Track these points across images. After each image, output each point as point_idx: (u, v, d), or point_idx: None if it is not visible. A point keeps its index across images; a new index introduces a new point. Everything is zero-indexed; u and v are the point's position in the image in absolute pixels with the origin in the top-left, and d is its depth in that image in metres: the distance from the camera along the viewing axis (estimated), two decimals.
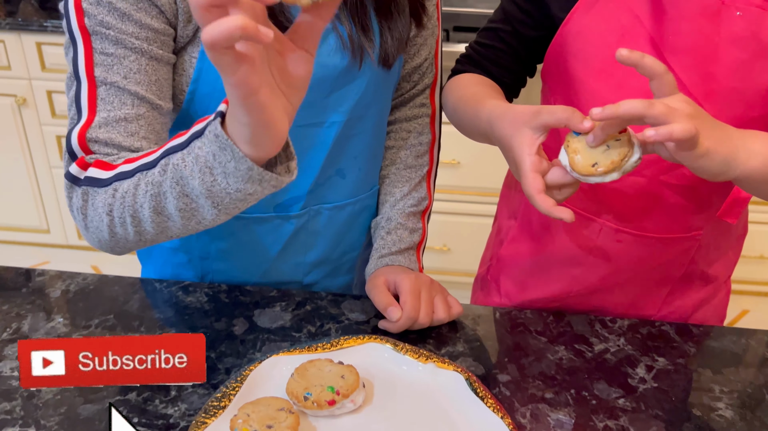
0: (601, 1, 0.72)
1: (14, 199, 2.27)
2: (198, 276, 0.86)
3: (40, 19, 1.98)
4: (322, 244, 0.85)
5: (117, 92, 0.65)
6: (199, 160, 0.55)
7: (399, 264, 0.81)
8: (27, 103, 2.09)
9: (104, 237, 0.65)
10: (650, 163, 0.72)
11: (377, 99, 0.79)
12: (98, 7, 0.63)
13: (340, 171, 0.81)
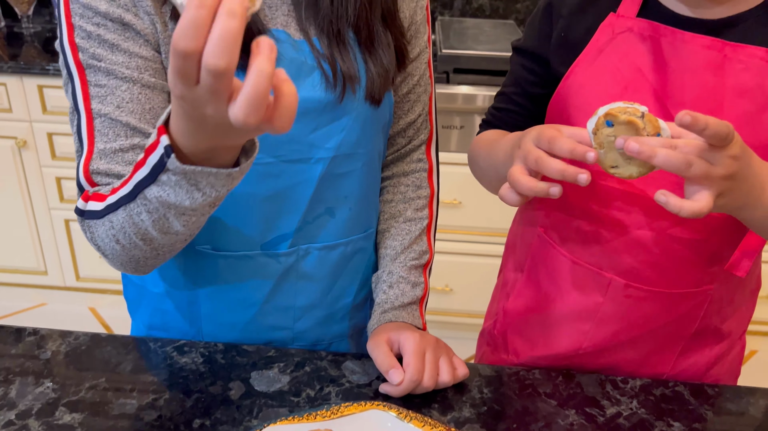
0: (603, 55, 0.72)
1: (12, 240, 2.25)
2: (187, 321, 0.84)
3: (43, 62, 1.99)
4: (312, 288, 0.82)
5: (111, 124, 0.67)
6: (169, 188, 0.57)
7: (402, 320, 0.78)
8: (27, 145, 2.09)
9: (124, 260, 0.67)
10: (658, 216, 0.71)
11: (366, 138, 0.79)
12: (89, 41, 0.66)
13: (330, 210, 0.80)
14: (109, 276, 2.30)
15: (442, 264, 2.11)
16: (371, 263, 0.88)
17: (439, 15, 2.43)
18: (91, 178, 0.67)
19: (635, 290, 0.74)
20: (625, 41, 0.71)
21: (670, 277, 0.73)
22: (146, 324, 0.88)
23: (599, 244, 0.74)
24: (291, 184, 0.75)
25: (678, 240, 0.71)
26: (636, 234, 0.72)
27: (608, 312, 0.76)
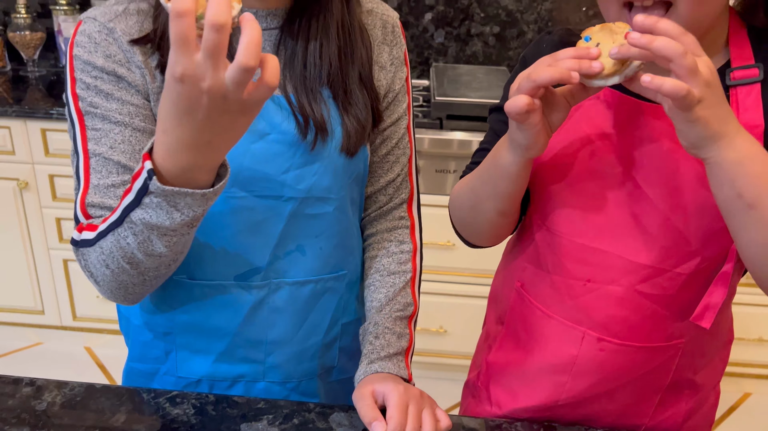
0: (572, 120, 0.76)
1: (10, 280, 2.28)
2: (163, 352, 0.88)
3: (46, 106, 2.05)
4: (283, 322, 0.86)
5: (105, 162, 0.74)
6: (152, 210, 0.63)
7: (388, 371, 0.81)
8: (29, 187, 2.13)
9: (113, 286, 0.73)
10: (628, 273, 0.74)
11: (338, 185, 0.84)
12: (87, 91, 0.75)
13: (300, 247, 0.85)
14: (105, 316, 2.32)
15: (436, 305, 2.13)
16: (342, 305, 0.92)
17: (434, 61, 2.50)
18: (87, 211, 0.73)
19: (608, 344, 0.76)
20: (592, 107, 0.75)
21: (640, 332, 0.76)
22: (130, 355, 0.94)
23: (572, 299, 0.77)
24: (262, 219, 0.81)
25: (647, 296, 0.74)
26: (607, 290, 0.75)
27: (583, 365, 0.78)
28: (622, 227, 0.74)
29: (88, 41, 0.74)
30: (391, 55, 0.88)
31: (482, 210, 0.80)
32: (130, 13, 0.76)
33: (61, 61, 2.48)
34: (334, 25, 0.79)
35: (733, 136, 0.61)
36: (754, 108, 0.69)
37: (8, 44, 2.49)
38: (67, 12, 2.40)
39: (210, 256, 0.81)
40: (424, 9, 2.43)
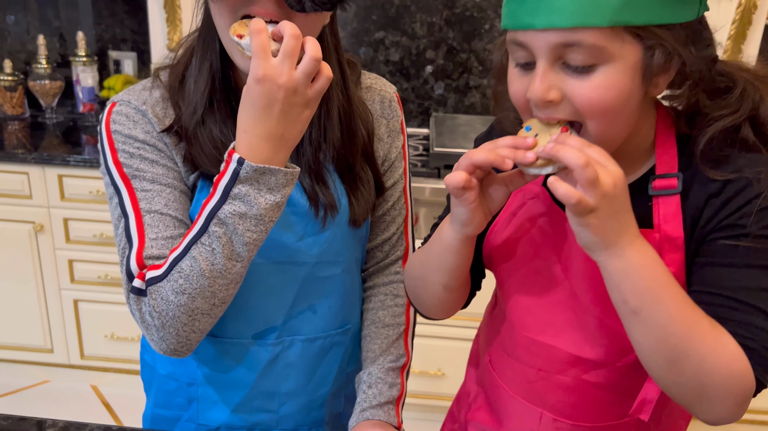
0: (516, 218, 0.81)
1: (22, 319, 2.34)
2: (186, 400, 0.95)
3: (64, 153, 2.15)
4: (295, 376, 0.93)
5: (161, 217, 0.80)
6: (248, 194, 0.72)
7: (379, 418, 0.88)
8: (44, 229, 2.22)
9: (182, 322, 0.76)
10: (572, 365, 0.79)
11: (345, 249, 0.92)
12: (132, 159, 0.81)
13: (312, 307, 0.92)
14: (112, 355, 2.38)
15: (434, 348, 2.19)
16: (347, 356, 0.99)
17: (434, 111, 2.61)
18: (144, 264, 0.78)
19: (563, 423, 0.82)
20: (533, 207, 0.80)
21: (591, 414, 0.81)
22: (153, 401, 1.00)
23: (529, 384, 0.83)
24: (279, 282, 0.88)
25: (594, 385, 0.79)
26: (556, 378, 0.80)
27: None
28: (564, 324, 0.78)
29: (126, 119, 0.83)
30: (388, 128, 0.97)
31: (429, 282, 0.83)
32: (156, 100, 0.85)
33: (78, 108, 2.60)
34: (335, 112, 0.88)
35: (623, 246, 0.63)
36: (674, 219, 0.71)
37: (28, 92, 2.62)
38: (85, 63, 2.53)
39: (231, 316, 0.88)
40: (425, 62, 2.55)
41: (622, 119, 0.67)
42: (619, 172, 0.62)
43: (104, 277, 2.26)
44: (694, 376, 0.65)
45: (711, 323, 0.66)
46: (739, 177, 0.68)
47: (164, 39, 2.24)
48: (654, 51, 0.63)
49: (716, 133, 0.69)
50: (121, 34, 2.64)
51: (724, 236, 0.69)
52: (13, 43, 2.67)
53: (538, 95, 0.65)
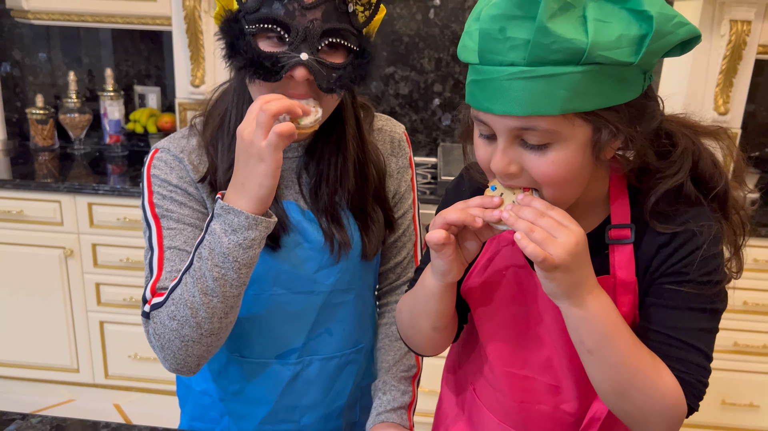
0: (492, 264, 0.88)
1: (49, 339, 2.46)
2: (218, 414, 1.06)
3: (94, 183, 2.29)
4: (314, 391, 1.04)
5: (179, 253, 0.92)
6: (216, 231, 0.83)
7: (392, 421, 0.99)
8: (73, 254, 2.35)
9: (177, 346, 0.86)
10: (551, 396, 0.87)
11: (357, 278, 1.02)
12: (164, 200, 0.93)
13: (329, 330, 1.03)
14: (135, 375, 2.49)
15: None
16: (361, 372, 1.09)
17: (441, 141, 2.74)
18: (156, 292, 0.90)
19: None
20: (508, 254, 0.86)
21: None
22: (189, 415, 1.11)
23: (513, 414, 0.91)
24: (299, 310, 0.99)
25: (568, 413, 0.88)
26: (537, 408, 0.89)
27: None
28: (542, 360, 0.87)
29: (164, 165, 0.95)
30: (398, 165, 1.08)
31: (419, 326, 0.89)
32: (193, 147, 0.97)
33: (105, 140, 2.75)
34: (351, 160, 0.98)
35: (583, 296, 0.71)
36: (627, 266, 0.79)
37: (57, 124, 2.77)
38: (113, 97, 2.68)
39: (257, 339, 1.01)
40: (433, 95, 2.69)
41: (574, 186, 0.74)
42: (580, 231, 0.69)
43: (129, 300, 2.38)
44: (638, 406, 0.75)
45: (654, 360, 0.75)
46: (686, 230, 0.77)
47: (188, 75, 2.39)
48: (602, 131, 0.70)
49: (664, 192, 0.77)
50: (145, 70, 2.80)
51: (670, 281, 0.77)
52: (45, 79, 2.84)
53: (499, 169, 0.72)
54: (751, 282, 2.17)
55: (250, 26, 0.85)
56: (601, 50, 0.65)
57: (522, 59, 0.66)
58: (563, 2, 0.65)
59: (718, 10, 2.19)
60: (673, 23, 0.68)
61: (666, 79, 2.50)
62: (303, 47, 0.84)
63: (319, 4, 0.84)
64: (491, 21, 0.67)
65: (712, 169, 0.80)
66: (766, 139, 2.66)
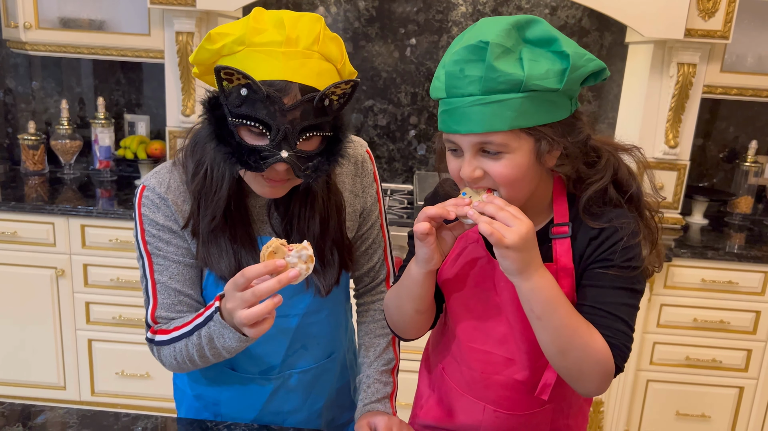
0: (461, 258, 1.06)
1: (38, 357, 2.53)
2: (211, 415, 1.19)
3: (87, 205, 2.40)
4: (294, 398, 1.19)
5: (166, 288, 1.07)
6: (215, 331, 0.97)
7: (377, 410, 1.13)
8: (65, 274, 2.44)
9: (175, 368, 1.08)
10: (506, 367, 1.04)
11: (328, 300, 1.15)
12: (153, 238, 1.07)
13: (304, 346, 1.17)
14: (122, 392, 2.57)
15: None
16: (335, 377, 1.24)
17: (417, 170, 2.91)
18: (156, 320, 1.08)
19: (501, 413, 1.08)
20: (474, 250, 1.05)
21: (521, 405, 1.07)
22: (184, 415, 1.25)
23: (475, 384, 1.09)
24: (276, 332, 1.10)
25: (521, 383, 1.05)
26: (495, 379, 1.07)
27: (488, 427, 1.10)
28: (499, 336, 1.05)
29: (152, 204, 1.05)
30: (363, 184, 1.19)
31: (404, 309, 1.06)
32: (176, 185, 1.06)
33: (94, 165, 2.86)
34: (317, 213, 1.08)
35: (531, 273, 0.89)
36: (566, 256, 0.98)
37: (48, 149, 2.88)
38: (103, 124, 2.81)
39: (241, 359, 1.15)
40: (409, 127, 2.88)
41: (524, 186, 0.93)
42: (530, 223, 0.88)
43: (118, 318, 2.48)
44: (576, 361, 0.92)
45: (588, 326, 0.93)
46: (610, 226, 0.97)
47: (179, 105, 2.53)
48: (541, 142, 0.90)
49: (591, 194, 0.98)
50: (136, 99, 2.93)
51: (599, 266, 0.97)
52: (37, 106, 2.95)
53: (467, 175, 0.91)
54: (700, 301, 2.37)
55: (233, 119, 0.93)
56: (534, 80, 0.86)
57: (478, 90, 0.87)
58: (504, 48, 0.86)
59: (667, 54, 2.42)
60: (585, 59, 0.90)
61: (623, 114, 2.73)
62: (283, 145, 0.92)
63: (298, 106, 0.91)
64: (453, 64, 0.89)
65: (628, 176, 1.01)
66: (713, 171, 2.90)
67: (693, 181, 2.88)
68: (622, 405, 2.46)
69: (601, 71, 0.92)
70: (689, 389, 2.45)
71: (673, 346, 2.41)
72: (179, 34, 2.41)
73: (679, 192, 2.54)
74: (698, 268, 2.34)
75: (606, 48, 2.78)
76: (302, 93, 0.92)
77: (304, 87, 0.92)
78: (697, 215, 2.71)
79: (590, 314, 0.95)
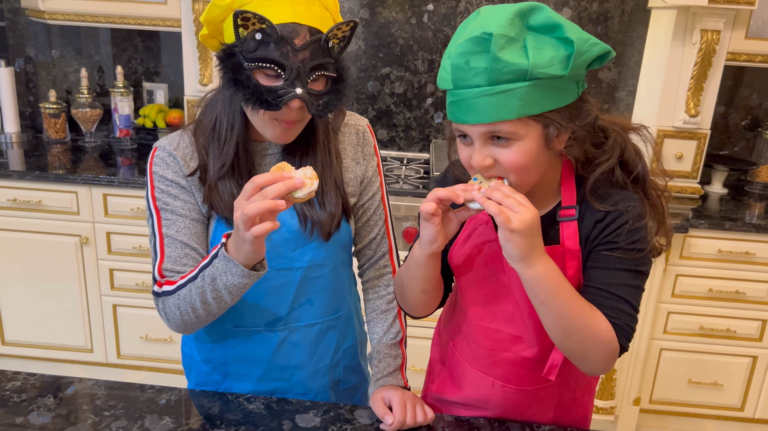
0: (470, 239, 1.08)
1: (65, 322, 2.63)
2: (221, 376, 1.24)
3: (109, 175, 2.44)
4: (300, 353, 1.22)
5: (173, 241, 1.11)
6: (218, 269, 1.00)
7: (390, 384, 1.17)
8: (89, 242, 2.51)
9: (179, 322, 1.09)
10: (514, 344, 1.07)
11: (331, 255, 1.19)
12: (162, 194, 1.12)
13: (309, 300, 1.21)
14: (146, 355, 2.67)
15: None
16: (342, 336, 1.28)
17: (433, 138, 2.91)
18: (163, 274, 1.11)
19: (509, 388, 1.11)
20: (484, 231, 1.07)
21: (528, 380, 1.10)
22: (194, 381, 1.30)
23: (484, 360, 1.12)
24: (281, 284, 1.17)
25: (528, 359, 1.08)
26: (503, 355, 1.10)
27: (495, 401, 1.13)
28: (507, 315, 1.07)
29: (162, 162, 1.12)
30: (363, 153, 1.24)
31: (410, 289, 1.09)
32: (185, 145, 1.13)
33: (114, 134, 2.90)
34: (323, 154, 1.16)
35: (534, 260, 0.90)
36: (573, 238, 1.00)
37: (69, 118, 2.92)
38: (123, 93, 2.83)
39: (248, 311, 1.18)
40: (426, 94, 2.86)
41: (533, 171, 0.94)
42: (534, 210, 0.89)
43: (141, 284, 2.55)
44: (579, 343, 0.95)
45: (591, 308, 0.95)
46: (616, 209, 0.98)
47: (196, 74, 2.54)
48: (549, 127, 0.91)
49: (599, 176, 0.99)
50: (154, 68, 2.95)
51: (604, 248, 0.98)
52: (57, 74, 2.98)
53: (478, 163, 0.93)
54: (715, 271, 2.37)
55: (249, 63, 1.00)
56: (539, 68, 0.86)
57: (484, 81, 0.88)
58: (508, 38, 0.87)
59: (690, 20, 2.37)
60: (589, 44, 0.89)
61: (643, 82, 2.69)
62: (297, 83, 1.00)
63: (308, 46, 1.00)
64: (459, 57, 0.89)
65: (634, 155, 1.02)
66: (734, 139, 2.86)
67: (713, 149, 2.84)
68: (635, 373, 2.49)
69: (606, 54, 0.92)
70: (702, 358, 2.47)
71: (687, 316, 2.42)
72: (196, 2, 2.41)
73: (698, 161, 2.52)
74: (715, 239, 2.34)
75: (627, 13, 2.72)
76: (310, 35, 1.01)
77: (311, 29, 1.01)
78: (716, 184, 2.68)
79: (595, 295, 0.97)
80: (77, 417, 1.06)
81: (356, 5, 2.74)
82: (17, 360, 2.72)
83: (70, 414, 1.07)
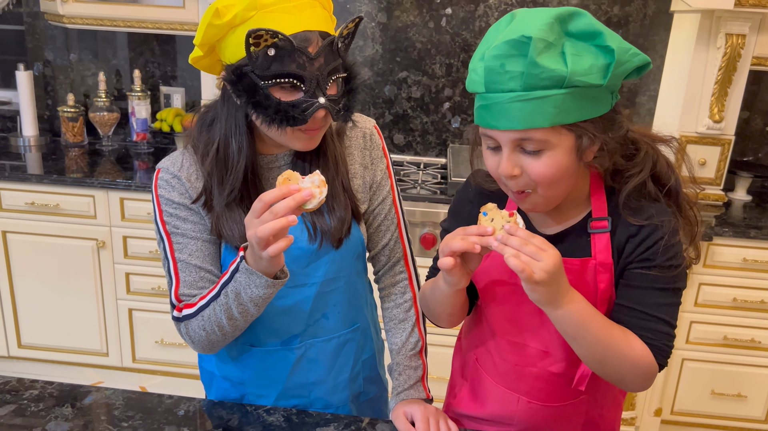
0: (493, 252, 1.02)
1: (81, 325, 2.63)
2: (239, 394, 1.21)
3: (126, 179, 2.44)
4: (318, 369, 1.20)
5: (186, 266, 1.09)
6: (241, 283, 0.98)
7: (411, 397, 1.15)
8: (105, 246, 2.50)
9: (204, 343, 1.07)
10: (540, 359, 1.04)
11: (344, 267, 1.16)
12: (171, 217, 1.09)
13: (325, 315, 1.18)
14: (161, 359, 2.66)
15: None
16: (360, 348, 1.24)
17: (450, 143, 2.88)
18: (179, 298, 1.08)
19: (535, 404, 1.08)
20: None
21: (555, 396, 1.07)
22: (213, 396, 1.27)
23: (508, 375, 1.09)
24: (295, 302, 1.14)
25: (556, 374, 1.05)
26: (529, 370, 1.06)
27: (520, 417, 1.10)
28: (533, 329, 1.04)
29: (166, 184, 1.08)
30: (372, 156, 1.20)
31: (437, 311, 1.10)
32: (189, 164, 1.09)
33: (131, 137, 2.90)
34: (331, 159, 1.13)
35: (561, 301, 0.88)
36: (605, 250, 0.97)
37: (86, 122, 2.92)
38: (140, 97, 2.83)
39: (263, 330, 1.16)
40: (443, 99, 2.84)
41: (562, 184, 0.92)
42: (556, 253, 0.85)
43: (157, 289, 2.54)
44: (615, 370, 0.93)
45: (624, 333, 0.93)
46: (650, 223, 0.95)
47: (213, 78, 2.53)
48: (582, 138, 0.88)
49: (631, 189, 0.96)
50: (171, 72, 2.95)
51: (639, 266, 0.95)
52: (75, 78, 2.99)
53: (506, 172, 0.90)
54: (740, 280, 2.32)
55: (265, 81, 0.96)
56: (578, 76, 0.84)
57: (519, 86, 0.84)
58: (547, 43, 0.83)
59: (714, 24, 2.32)
60: (630, 53, 0.87)
61: (665, 87, 2.65)
62: (317, 92, 0.98)
63: (321, 52, 0.97)
64: (494, 59, 0.86)
65: (666, 168, 0.99)
66: (758, 145, 2.81)
67: (737, 155, 2.79)
68: (656, 384, 2.44)
69: (645, 65, 0.90)
70: (725, 368, 2.42)
71: (710, 326, 2.38)
72: None
73: (722, 168, 2.47)
74: (740, 247, 2.29)
75: (649, 17, 2.68)
76: (321, 39, 0.99)
77: (321, 33, 0.99)
78: (740, 191, 2.63)
79: (631, 316, 0.95)
80: (95, 428, 1.05)
81: (374, 9, 2.72)
82: (33, 363, 2.73)
83: (87, 425, 1.05)
